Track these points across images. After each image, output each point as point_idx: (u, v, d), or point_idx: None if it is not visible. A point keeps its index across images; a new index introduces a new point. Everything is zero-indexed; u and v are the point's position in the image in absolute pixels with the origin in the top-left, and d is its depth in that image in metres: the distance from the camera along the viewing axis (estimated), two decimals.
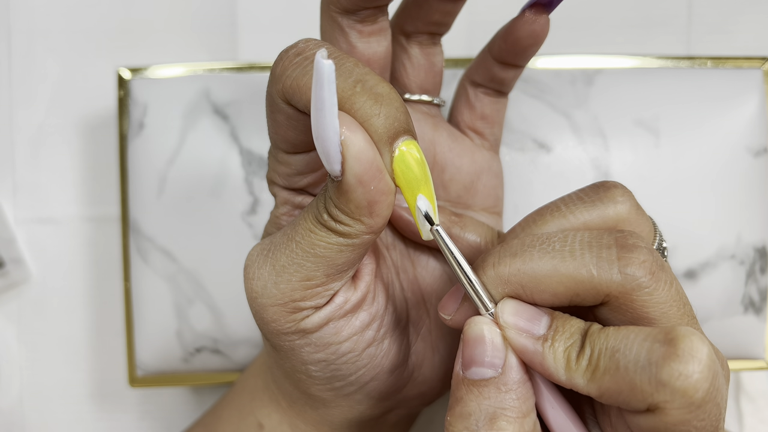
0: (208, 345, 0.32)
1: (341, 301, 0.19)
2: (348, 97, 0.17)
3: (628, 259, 0.16)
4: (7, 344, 0.37)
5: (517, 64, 0.22)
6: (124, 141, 0.33)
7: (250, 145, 0.31)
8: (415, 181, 0.17)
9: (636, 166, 0.31)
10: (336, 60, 0.17)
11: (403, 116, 0.17)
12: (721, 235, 0.31)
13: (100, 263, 0.37)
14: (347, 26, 0.20)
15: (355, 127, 0.16)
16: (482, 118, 0.24)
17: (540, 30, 0.21)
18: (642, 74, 0.32)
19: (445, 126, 0.24)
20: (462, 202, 0.23)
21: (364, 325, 0.20)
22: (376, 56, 0.20)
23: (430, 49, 0.22)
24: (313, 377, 0.21)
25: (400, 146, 0.17)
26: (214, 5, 0.37)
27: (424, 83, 0.23)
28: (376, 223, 0.17)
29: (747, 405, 0.38)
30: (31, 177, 0.37)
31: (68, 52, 0.37)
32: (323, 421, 0.24)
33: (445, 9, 0.21)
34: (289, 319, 0.19)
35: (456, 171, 0.23)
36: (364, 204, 0.17)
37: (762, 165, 0.31)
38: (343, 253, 0.18)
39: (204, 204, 0.31)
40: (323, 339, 0.19)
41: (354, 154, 0.16)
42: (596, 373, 0.16)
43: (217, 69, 0.32)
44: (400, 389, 0.22)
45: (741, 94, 0.31)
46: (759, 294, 0.32)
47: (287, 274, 0.18)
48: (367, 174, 0.16)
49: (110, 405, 0.38)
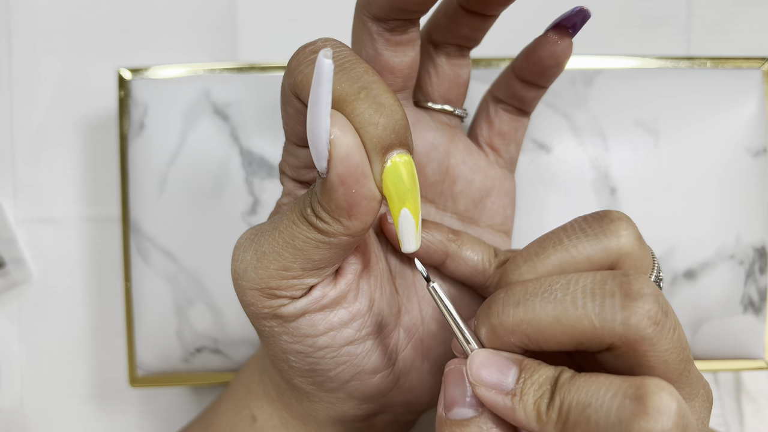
0: (208, 345, 0.32)
1: (318, 295, 0.19)
2: (351, 101, 0.17)
3: (633, 309, 0.16)
4: (7, 344, 0.38)
5: (537, 83, 0.22)
6: (125, 141, 0.33)
7: (251, 146, 0.31)
8: (402, 195, 0.17)
9: (635, 167, 0.31)
10: (349, 64, 0.17)
11: (401, 129, 0.17)
12: (721, 235, 0.31)
13: (100, 263, 0.37)
14: (376, 33, 0.20)
15: (347, 130, 0.16)
16: (500, 134, 0.24)
17: (561, 52, 0.21)
18: (642, 75, 0.32)
19: (462, 138, 0.24)
20: (469, 216, 0.23)
21: (343, 323, 0.20)
22: (400, 65, 0.21)
23: (457, 61, 0.22)
24: (294, 368, 0.21)
25: (394, 158, 0.17)
26: (214, 6, 0.37)
27: (447, 93, 0.23)
28: (354, 227, 0.17)
29: (748, 405, 0.38)
30: (31, 177, 0.37)
31: (69, 53, 0.37)
32: (308, 416, 0.24)
33: (474, 24, 0.21)
34: (266, 304, 0.19)
35: (467, 184, 0.23)
36: (344, 205, 0.17)
37: (761, 165, 0.31)
38: (320, 249, 0.18)
39: (204, 204, 0.31)
40: (300, 330, 0.20)
41: (339, 154, 0.16)
42: (567, 426, 0.16)
43: (218, 69, 0.33)
44: (384, 393, 0.22)
45: (740, 95, 0.31)
46: (758, 294, 0.32)
47: (266, 261, 0.19)
48: (350, 176, 0.16)
49: (111, 405, 0.38)
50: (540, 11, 0.35)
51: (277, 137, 0.31)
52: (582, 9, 0.20)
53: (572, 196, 0.31)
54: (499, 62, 0.33)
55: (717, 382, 0.38)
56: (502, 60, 0.33)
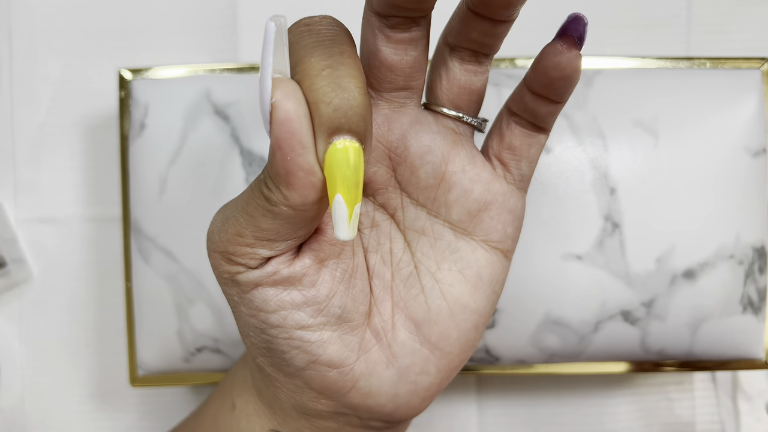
0: (208, 344, 0.32)
1: (271, 270, 0.20)
2: (312, 76, 0.17)
3: None
4: (8, 344, 0.38)
5: (547, 96, 0.21)
6: (125, 141, 0.33)
7: (251, 146, 0.31)
8: (339, 180, 0.17)
9: (635, 167, 0.31)
10: (329, 42, 0.18)
11: (354, 116, 0.17)
12: (720, 235, 0.31)
13: (101, 263, 0.37)
14: (377, 28, 0.20)
15: (292, 96, 0.17)
16: (510, 148, 0.22)
17: (566, 63, 0.20)
18: (641, 75, 0.32)
19: (467, 146, 0.22)
20: (462, 227, 0.22)
21: (294, 304, 0.20)
22: (400, 64, 0.20)
23: (470, 66, 0.22)
24: (254, 344, 0.22)
25: (339, 141, 0.17)
26: (215, 6, 0.37)
27: (457, 99, 0.22)
28: (292, 198, 0.18)
29: (744, 404, 0.38)
30: (32, 177, 0.37)
31: (69, 53, 0.37)
32: (275, 404, 0.24)
33: (483, 28, 0.20)
34: (225, 269, 0.20)
35: (463, 194, 0.22)
36: (281, 171, 0.17)
37: (761, 165, 0.32)
38: (266, 218, 0.19)
39: (205, 204, 0.31)
40: (253, 302, 0.20)
41: (278, 117, 0.17)
42: None
43: (218, 70, 0.33)
44: (341, 391, 0.22)
45: (740, 95, 0.32)
46: (758, 294, 0.32)
47: (227, 225, 0.20)
48: (285, 142, 0.17)
49: (111, 404, 0.38)
50: (548, 12, 0.35)
51: None
52: (578, 15, 0.19)
53: (572, 196, 0.31)
54: (498, 63, 0.33)
55: (714, 381, 0.38)
56: (502, 60, 0.33)
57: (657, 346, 0.32)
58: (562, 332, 0.31)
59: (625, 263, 0.31)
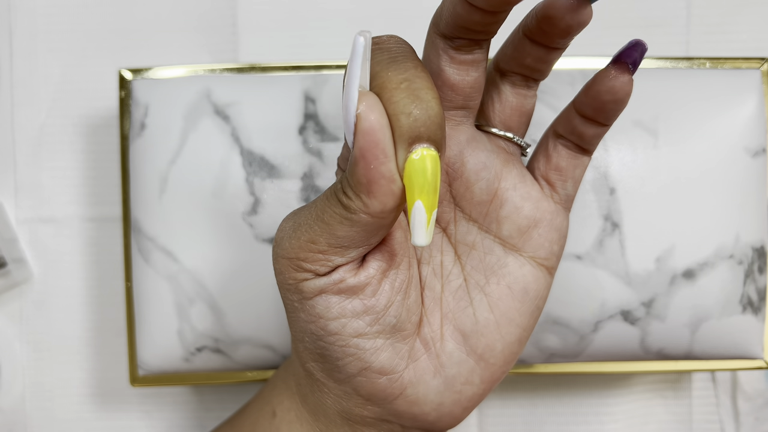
0: (209, 344, 0.32)
1: (338, 278, 0.20)
2: (391, 89, 0.18)
3: None
4: (9, 344, 0.38)
5: (597, 120, 0.22)
6: (126, 141, 0.33)
7: (251, 146, 0.31)
8: (420, 187, 0.18)
9: (635, 167, 0.31)
10: (401, 57, 0.19)
11: (433, 126, 0.18)
12: (720, 235, 0.31)
13: (101, 263, 0.37)
14: (441, 49, 0.21)
15: (375, 108, 0.18)
16: (556, 169, 0.23)
17: (620, 87, 0.21)
18: (641, 75, 0.32)
19: (518, 165, 0.24)
20: (511, 242, 0.23)
21: (355, 313, 0.21)
22: (461, 84, 0.21)
23: (521, 90, 0.23)
24: (308, 349, 0.22)
25: (419, 150, 0.18)
26: (215, 6, 0.37)
27: (509, 120, 0.23)
28: (372, 206, 0.18)
29: (744, 404, 0.38)
30: (32, 177, 0.37)
31: (70, 53, 0.37)
32: (319, 410, 0.24)
33: (538, 54, 0.21)
34: (291, 276, 0.21)
35: (514, 210, 0.23)
36: (363, 180, 0.18)
37: (760, 165, 0.32)
38: (343, 225, 0.19)
39: (205, 204, 0.31)
40: (315, 309, 0.21)
41: (363, 128, 0.17)
42: None
43: (218, 70, 0.33)
44: (389, 398, 0.22)
45: (739, 95, 0.32)
46: (757, 294, 0.32)
47: (299, 232, 0.20)
48: (369, 151, 0.18)
49: (112, 404, 0.38)
50: None
51: (277, 137, 0.31)
52: (639, 42, 0.20)
53: None
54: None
55: (714, 380, 0.38)
56: None
57: (657, 345, 0.32)
58: (561, 332, 0.31)
59: (624, 263, 0.31)
